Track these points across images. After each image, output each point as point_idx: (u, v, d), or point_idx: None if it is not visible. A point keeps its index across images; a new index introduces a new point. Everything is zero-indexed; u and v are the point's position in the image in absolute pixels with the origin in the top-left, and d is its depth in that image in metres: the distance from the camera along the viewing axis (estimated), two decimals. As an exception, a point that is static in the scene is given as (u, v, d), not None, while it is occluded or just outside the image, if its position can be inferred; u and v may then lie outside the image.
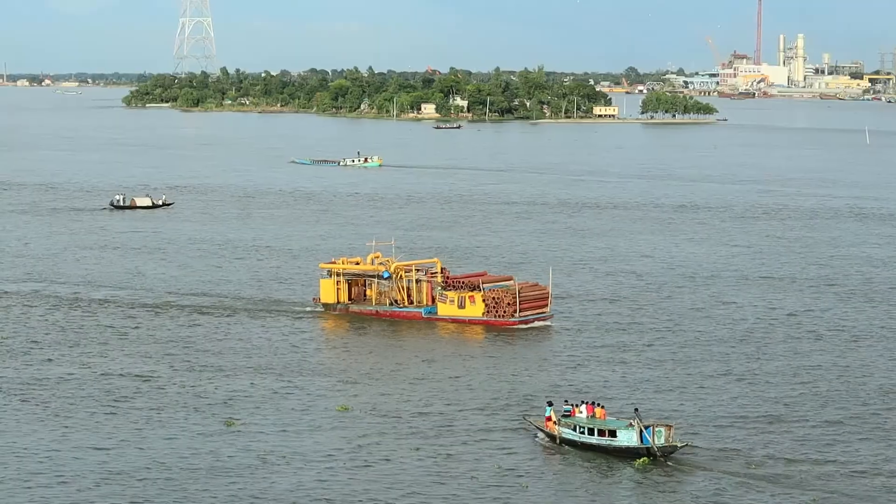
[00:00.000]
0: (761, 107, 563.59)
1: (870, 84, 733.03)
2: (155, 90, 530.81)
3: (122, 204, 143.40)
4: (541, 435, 53.97)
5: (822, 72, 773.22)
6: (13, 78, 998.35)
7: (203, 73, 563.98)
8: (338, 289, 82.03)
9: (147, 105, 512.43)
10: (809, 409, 59.66)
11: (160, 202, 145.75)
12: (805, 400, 61.29)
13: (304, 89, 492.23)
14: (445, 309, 79.14)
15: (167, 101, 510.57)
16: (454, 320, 78.54)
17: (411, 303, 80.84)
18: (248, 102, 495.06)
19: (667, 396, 61.33)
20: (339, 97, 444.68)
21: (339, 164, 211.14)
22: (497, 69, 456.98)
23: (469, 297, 78.30)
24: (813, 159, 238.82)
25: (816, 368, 67.79)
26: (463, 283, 79.59)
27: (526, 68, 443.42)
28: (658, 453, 50.76)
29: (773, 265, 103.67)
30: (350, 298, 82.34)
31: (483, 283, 79.52)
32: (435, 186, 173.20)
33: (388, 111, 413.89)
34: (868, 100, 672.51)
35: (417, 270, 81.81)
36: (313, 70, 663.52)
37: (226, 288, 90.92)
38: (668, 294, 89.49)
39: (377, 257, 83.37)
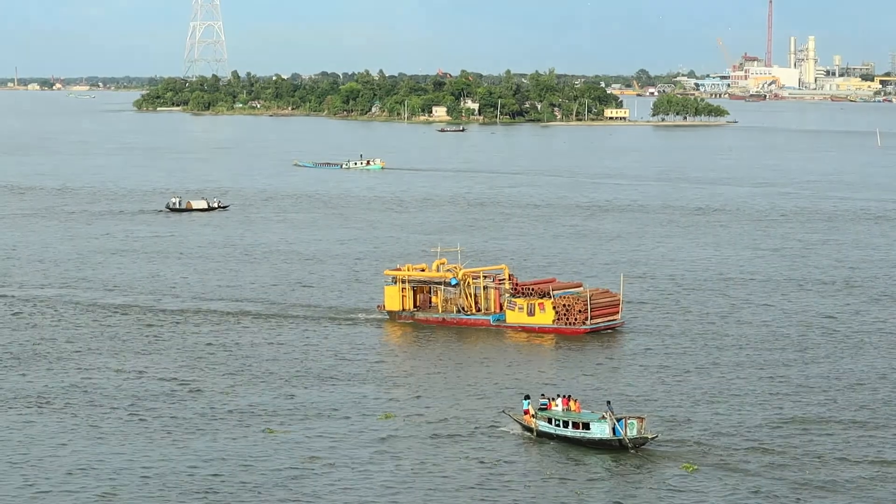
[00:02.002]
0: (772, 109, 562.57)
1: (881, 86, 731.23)
2: (166, 94, 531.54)
3: (178, 206, 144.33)
4: (519, 428, 55.06)
5: (833, 74, 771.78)
6: (24, 82, 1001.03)
7: (214, 76, 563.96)
8: (403, 296, 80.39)
9: (158, 109, 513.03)
10: (848, 412, 59.28)
11: (216, 205, 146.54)
12: (845, 403, 60.88)
13: (315, 92, 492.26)
14: (514, 316, 77.48)
15: (178, 105, 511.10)
16: (523, 328, 77.00)
17: (479, 310, 79.18)
18: (259, 106, 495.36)
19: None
20: (350, 100, 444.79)
21: (341, 166, 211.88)
22: (508, 72, 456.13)
23: (539, 304, 76.60)
24: (827, 161, 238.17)
25: (859, 373, 67.24)
26: (533, 290, 77.79)
27: (537, 71, 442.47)
28: (629, 445, 51.90)
29: (800, 268, 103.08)
30: (415, 305, 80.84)
31: (553, 289, 77.76)
32: (446, 189, 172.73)
33: (399, 114, 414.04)
34: (879, 101, 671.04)
35: (485, 277, 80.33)
36: (324, 73, 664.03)
37: (280, 294, 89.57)
38: (720, 299, 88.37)
39: (443, 263, 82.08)
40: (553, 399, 55.24)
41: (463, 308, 79.42)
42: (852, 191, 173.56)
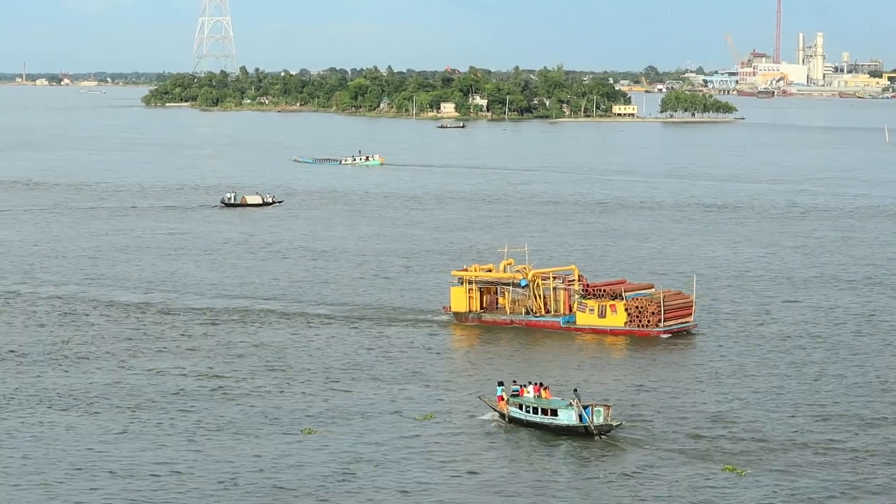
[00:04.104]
0: (781, 105, 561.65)
1: (889, 82, 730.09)
2: (174, 89, 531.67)
3: (232, 202, 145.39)
4: (492, 414, 56.89)
5: (842, 70, 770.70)
6: (32, 77, 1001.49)
7: (222, 72, 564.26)
8: (470, 297, 79.23)
9: (166, 104, 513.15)
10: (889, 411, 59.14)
11: (270, 199, 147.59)
12: (886, 403, 60.59)
13: (324, 88, 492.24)
14: (585, 318, 75.97)
15: (186, 101, 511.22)
16: (594, 330, 75.41)
17: (548, 311, 77.86)
18: (267, 102, 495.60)
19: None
20: (358, 96, 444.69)
21: (340, 162, 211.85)
22: (516, 68, 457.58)
23: (610, 305, 75.21)
24: (838, 158, 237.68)
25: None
26: (604, 291, 76.35)
27: (545, 67, 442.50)
28: (595, 432, 53.73)
29: (824, 266, 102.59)
30: (481, 307, 79.45)
31: (625, 291, 76.28)
32: (458, 186, 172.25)
33: (407, 110, 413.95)
34: (887, 98, 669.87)
35: (555, 278, 78.96)
36: (332, 69, 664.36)
37: (331, 294, 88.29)
38: (779, 298, 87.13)
39: (510, 264, 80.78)
40: (525, 386, 57.11)
41: (531, 310, 78.00)
42: (867, 188, 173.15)
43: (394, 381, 64.55)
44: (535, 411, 55.23)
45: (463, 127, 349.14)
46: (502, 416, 56.30)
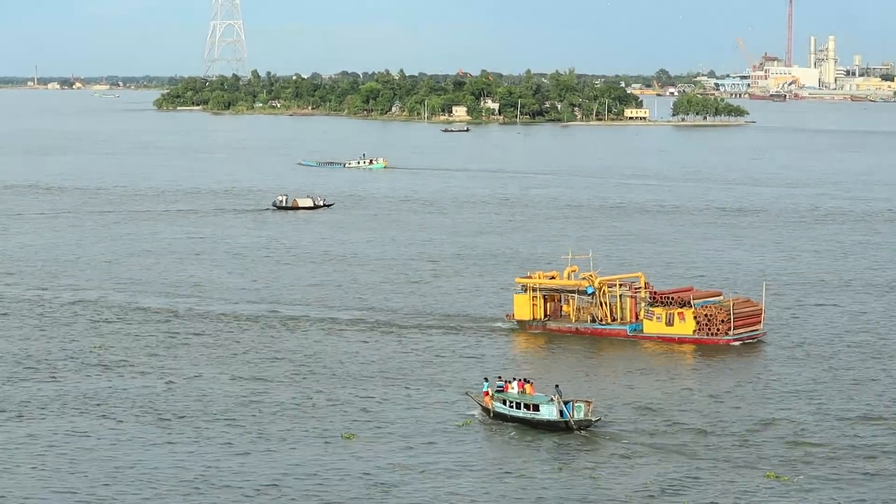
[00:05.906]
0: (792, 109, 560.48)
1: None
2: (186, 93, 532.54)
3: (284, 204, 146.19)
4: (478, 409, 58.37)
5: (853, 73, 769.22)
6: (44, 81, 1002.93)
7: (234, 75, 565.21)
8: (534, 305, 78.36)
9: (178, 108, 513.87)
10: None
11: (321, 203, 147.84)
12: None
13: (335, 92, 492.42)
14: (652, 326, 75.04)
15: (198, 105, 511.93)
16: (661, 338, 74.58)
17: (614, 319, 76.82)
18: (279, 105, 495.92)
19: None
20: (370, 100, 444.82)
21: (344, 165, 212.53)
22: (528, 71, 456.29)
23: (678, 313, 74.35)
24: (853, 161, 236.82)
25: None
26: (672, 298, 75.57)
27: (557, 70, 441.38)
28: (575, 427, 55.37)
29: (851, 270, 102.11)
30: (545, 315, 78.71)
31: (693, 298, 75.33)
32: (470, 190, 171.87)
33: (419, 114, 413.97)
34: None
35: (621, 286, 77.88)
36: (344, 73, 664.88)
37: (386, 299, 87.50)
38: (844, 307, 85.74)
39: (574, 271, 79.84)
40: (509, 381, 58.70)
41: (597, 317, 76.80)
42: (885, 191, 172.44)
43: (446, 387, 64.16)
44: (518, 406, 56.73)
45: (467, 131, 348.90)
46: (487, 411, 57.72)
